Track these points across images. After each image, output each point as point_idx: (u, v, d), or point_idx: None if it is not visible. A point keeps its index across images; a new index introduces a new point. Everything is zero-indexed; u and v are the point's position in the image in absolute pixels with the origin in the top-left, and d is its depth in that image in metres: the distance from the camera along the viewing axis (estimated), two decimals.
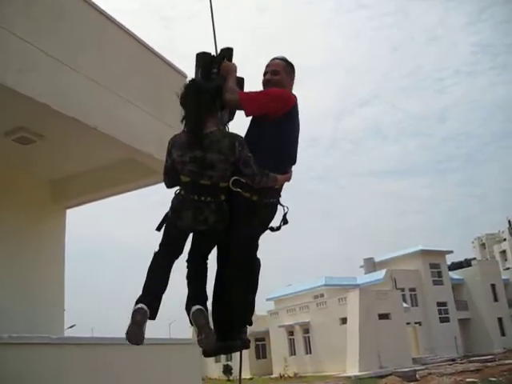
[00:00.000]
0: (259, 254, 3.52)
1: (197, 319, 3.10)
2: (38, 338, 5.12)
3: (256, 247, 3.52)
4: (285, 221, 3.47)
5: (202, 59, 3.43)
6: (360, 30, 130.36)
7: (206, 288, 3.35)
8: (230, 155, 3.16)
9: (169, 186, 3.38)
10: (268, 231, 3.49)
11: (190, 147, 3.20)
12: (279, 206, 3.46)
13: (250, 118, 3.43)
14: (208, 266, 3.40)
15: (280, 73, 3.48)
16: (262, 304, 49.21)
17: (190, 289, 3.30)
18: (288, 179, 3.42)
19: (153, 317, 3.16)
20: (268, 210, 3.39)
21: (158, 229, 3.31)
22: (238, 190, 3.22)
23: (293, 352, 41.46)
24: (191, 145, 3.20)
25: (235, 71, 3.40)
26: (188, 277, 3.34)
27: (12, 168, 7.41)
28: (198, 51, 3.47)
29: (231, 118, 3.50)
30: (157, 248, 3.30)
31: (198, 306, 3.14)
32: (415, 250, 46.33)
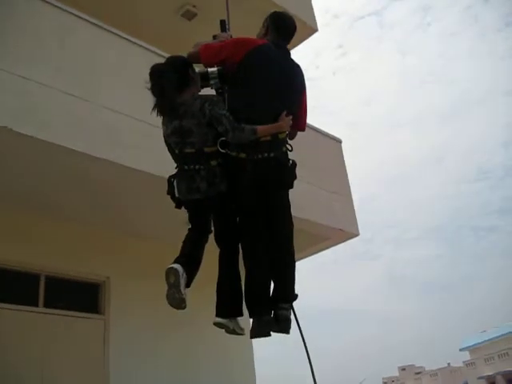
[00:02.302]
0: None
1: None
2: None
3: (277, 208, 3.33)
4: (291, 175, 3.34)
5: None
6: None
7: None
8: (201, 117, 3.16)
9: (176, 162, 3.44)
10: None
11: (169, 120, 3.27)
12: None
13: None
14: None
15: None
16: (456, 355, 46.17)
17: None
18: (276, 129, 3.22)
19: (188, 284, 3.14)
20: (262, 166, 3.19)
21: (178, 207, 3.37)
22: (226, 150, 3.17)
23: None
24: (168, 117, 3.27)
25: (222, 37, 3.48)
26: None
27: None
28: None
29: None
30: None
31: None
32: None
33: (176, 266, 3.07)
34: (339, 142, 8.37)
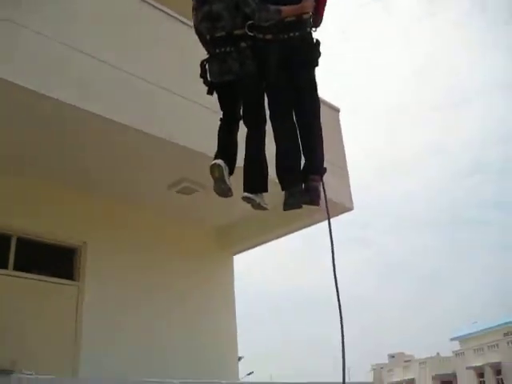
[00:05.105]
0: None
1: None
2: (209, 383, 5.12)
3: (304, 86, 3.42)
4: (315, 53, 3.43)
5: None
6: None
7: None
8: (229, 0, 3.42)
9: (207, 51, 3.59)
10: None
11: (199, 6, 3.53)
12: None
13: None
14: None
15: None
16: (446, 344, 46.15)
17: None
18: (300, 9, 3.34)
19: (231, 172, 3.42)
20: (288, 45, 3.34)
21: (209, 93, 3.56)
22: (254, 33, 3.36)
23: None
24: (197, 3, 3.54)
25: None
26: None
27: (178, 218, 7.70)
28: None
29: None
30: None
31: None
32: None
33: (218, 161, 3.32)
34: (337, 110, 7.93)
